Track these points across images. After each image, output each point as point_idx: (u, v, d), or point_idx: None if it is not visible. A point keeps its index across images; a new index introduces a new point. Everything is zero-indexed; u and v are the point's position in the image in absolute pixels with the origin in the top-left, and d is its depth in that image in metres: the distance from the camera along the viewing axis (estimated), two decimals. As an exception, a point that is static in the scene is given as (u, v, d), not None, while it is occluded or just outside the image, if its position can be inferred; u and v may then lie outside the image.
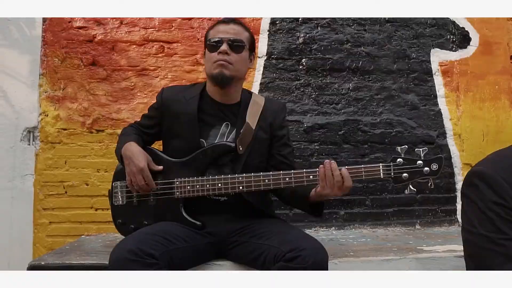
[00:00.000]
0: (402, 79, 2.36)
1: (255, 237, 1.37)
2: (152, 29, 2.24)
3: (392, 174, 1.24)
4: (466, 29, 2.46)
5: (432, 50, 2.42)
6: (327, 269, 1.23)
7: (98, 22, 2.21)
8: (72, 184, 2.11)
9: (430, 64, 2.40)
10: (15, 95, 2.13)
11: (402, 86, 2.35)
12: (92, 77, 2.19)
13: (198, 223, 1.41)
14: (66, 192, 2.11)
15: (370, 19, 2.36)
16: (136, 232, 1.29)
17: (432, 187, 1.23)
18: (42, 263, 1.49)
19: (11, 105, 2.11)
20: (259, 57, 2.25)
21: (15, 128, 2.11)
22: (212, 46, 1.46)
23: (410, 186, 1.23)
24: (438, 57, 2.42)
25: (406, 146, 1.24)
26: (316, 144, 2.23)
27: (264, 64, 2.27)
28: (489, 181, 0.97)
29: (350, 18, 2.34)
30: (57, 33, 2.19)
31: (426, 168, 1.21)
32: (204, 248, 1.41)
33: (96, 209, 2.11)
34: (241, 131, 1.45)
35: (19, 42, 2.16)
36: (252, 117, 1.49)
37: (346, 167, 1.27)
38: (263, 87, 2.25)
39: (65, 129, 2.15)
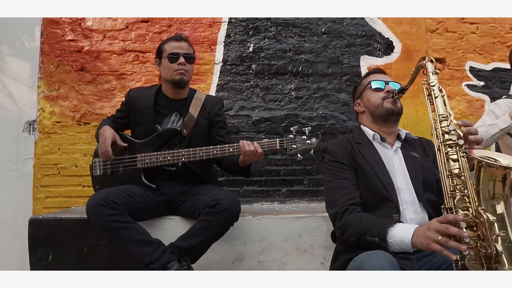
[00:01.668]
0: (336, 80, 2.87)
1: (194, 196, 1.86)
2: (129, 41, 2.75)
3: (285, 145, 1.75)
4: (390, 39, 2.98)
5: (361, 57, 2.93)
6: (239, 213, 1.74)
7: (85, 36, 2.72)
8: (64, 166, 2.62)
9: (360, 68, 2.91)
10: (18, 95, 2.64)
11: (336, 87, 2.86)
12: (81, 80, 2.70)
13: (153, 186, 1.91)
14: (59, 173, 2.62)
15: (309, 31, 2.88)
16: (107, 188, 1.80)
17: (305, 156, 1.75)
18: (40, 217, 2.00)
19: (15, 102, 2.62)
20: (216, 64, 2.77)
21: (18, 121, 2.62)
22: (172, 58, 1.95)
23: (299, 154, 1.74)
24: (366, 62, 2.92)
25: (297, 126, 1.76)
26: (262, 134, 2.73)
27: (220, 69, 2.78)
28: (329, 151, 1.54)
29: (292, 31, 2.86)
30: (52, 45, 2.71)
31: (308, 141, 1.72)
32: (158, 205, 1.91)
33: (83, 186, 2.61)
34: (185, 119, 1.96)
35: (21, 52, 2.67)
36: (194, 108, 2.00)
37: (255, 142, 1.78)
38: (220, 88, 2.77)
39: (58, 122, 2.66)
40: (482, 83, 3.07)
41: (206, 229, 1.70)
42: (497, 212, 1.12)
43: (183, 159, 1.87)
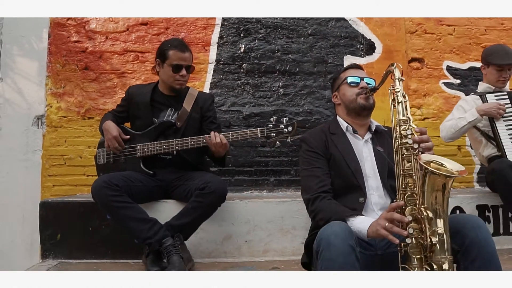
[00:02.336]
0: (321, 79, 3.09)
1: (187, 181, 2.09)
2: (130, 42, 2.98)
3: (265, 133, 1.97)
4: (372, 40, 3.20)
5: (345, 57, 3.15)
6: (226, 195, 1.97)
7: (89, 37, 2.95)
8: (70, 157, 2.85)
9: (343, 67, 3.12)
10: (28, 92, 2.87)
11: (321, 84, 3.08)
12: (85, 78, 2.93)
13: (151, 172, 2.13)
14: (65, 163, 2.84)
15: (296, 33, 3.10)
16: (110, 174, 2.03)
17: (279, 144, 1.97)
18: (50, 200, 2.24)
19: (25, 99, 2.85)
20: (209, 63, 2.99)
21: (27, 116, 2.85)
22: (175, 68, 2.12)
23: (278, 142, 1.97)
24: (349, 61, 3.12)
25: (275, 117, 1.98)
26: (252, 127, 2.95)
27: (214, 68, 3.00)
28: (305, 141, 1.75)
29: (281, 32, 3.09)
30: (59, 45, 2.93)
31: (285, 130, 1.95)
32: (155, 189, 2.13)
33: (87, 175, 2.84)
34: (179, 113, 2.19)
35: (30, 52, 2.90)
36: (188, 103, 2.22)
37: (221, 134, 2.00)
38: (213, 85, 2.99)
39: (65, 117, 2.89)
40: (458, 81, 3.29)
41: (197, 209, 1.93)
42: (436, 210, 1.33)
43: (177, 147, 2.10)
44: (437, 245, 1.30)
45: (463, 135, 2.60)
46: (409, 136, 1.43)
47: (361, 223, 1.45)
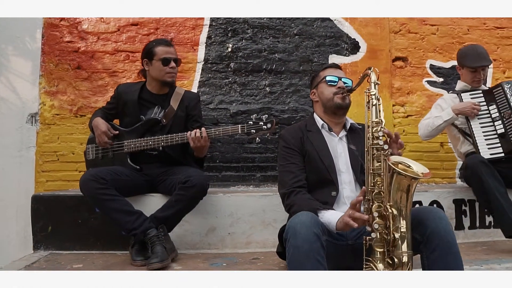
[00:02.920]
0: (306, 77, 3.17)
1: (171, 175, 2.18)
2: (120, 42, 3.07)
3: (245, 130, 2.07)
4: (356, 40, 3.28)
5: (330, 56, 3.24)
6: (207, 188, 2.07)
7: (82, 38, 3.05)
8: (63, 153, 2.94)
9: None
10: (22, 90, 2.96)
11: (306, 83, 3.17)
12: (77, 77, 3.02)
13: (137, 167, 2.22)
14: (58, 159, 2.94)
15: (283, 33, 3.19)
16: (97, 168, 2.13)
17: (259, 140, 2.07)
18: (41, 194, 2.34)
19: (19, 97, 2.95)
20: (198, 62, 3.09)
21: (22, 114, 2.94)
22: (164, 61, 2.23)
23: (257, 138, 2.07)
24: (334, 60, 3.18)
25: (256, 115, 2.08)
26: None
27: (202, 67, 3.09)
28: (283, 138, 1.84)
29: (267, 32, 3.18)
30: (52, 45, 3.03)
31: (264, 126, 2.05)
32: (141, 183, 2.23)
33: (80, 171, 2.92)
34: (165, 110, 2.29)
35: (25, 52, 2.99)
36: (174, 102, 2.31)
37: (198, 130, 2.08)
38: (201, 84, 3.09)
39: (58, 114, 2.98)
40: (441, 79, 3.38)
41: (179, 201, 2.03)
42: (400, 208, 1.43)
43: (162, 143, 2.20)
44: (399, 240, 1.40)
45: (441, 132, 2.69)
46: (380, 138, 1.53)
47: (331, 216, 1.56)
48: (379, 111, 1.59)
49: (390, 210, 1.43)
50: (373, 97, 1.59)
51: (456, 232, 2.54)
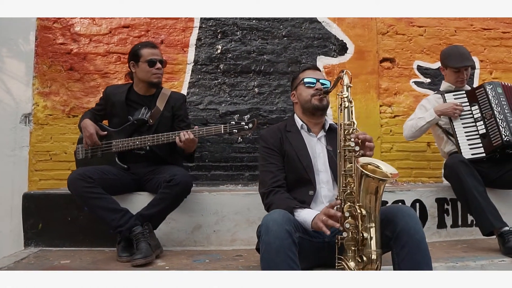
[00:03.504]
0: (295, 78, 3.24)
1: (158, 174, 2.24)
2: (112, 44, 3.13)
3: (228, 130, 2.14)
4: (344, 41, 3.34)
5: (318, 57, 3.29)
6: (191, 187, 2.14)
7: (74, 40, 3.11)
8: (55, 153, 3.01)
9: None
10: (16, 91, 3.02)
11: (294, 84, 3.23)
12: (70, 78, 3.09)
13: (125, 166, 2.29)
14: (51, 158, 3.00)
15: (271, 34, 3.25)
16: (85, 167, 2.20)
17: (241, 139, 2.13)
18: (32, 192, 2.41)
19: (13, 98, 3.01)
20: (188, 64, 3.15)
21: (15, 114, 3.00)
22: (151, 63, 2.31)
23: (239, 138, 2.13)
24: (322, 62, 3.27)
25: (238, 115, 2.15)
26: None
27: (192, 68, 3.15)
28: (263, 138, 1.90)
29: (256, 34, 3.23)
30: (45, 47, 3.09)
31: (246, 126, 2.11)
32: (129, 182, 2.29)
33: (72, 170, 2.98)
34: (152, 111, 2.35)
35: (18, 54, 3.06)
36: (160, 103, 2.38)
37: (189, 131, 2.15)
38: (191, 85, 3.15)
39: (51, 115, 3.05)
40: (428, 80, 3.43)
41: (164, 199, 2.09)
42: (369, 208, 1.49)
43: (149, 143, 2.26)
44: (368, 239, 1.47)
45: (425, 133, 2.74)
46: (352, 139, 1.58)
47: (306, 215, 1.62)
48: (351, 113, 1.64)
49: (359, 211, 1.49)
50: (345, 99, 1.65)
51: (438, 230, 2.62)
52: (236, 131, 2.13)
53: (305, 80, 1.89)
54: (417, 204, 2.60)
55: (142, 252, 1.93)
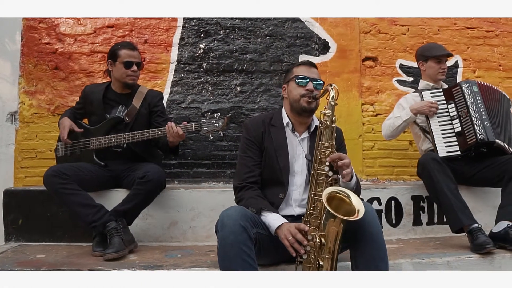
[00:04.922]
0: (277, 77, 3.26)
1: (134, 171, 2.30)
2: (97, 44, 3.18)
3: (199, 128, 2.18)
4: (326, 40, 3.37)
5: (300, 56, 3.32)
6: (163, 183, 2.19)
7: (59, 39, 3.17)
8: (40, 151, 3.06)
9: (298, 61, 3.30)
10: (2, 90, 3.08)
11: (276, 82, 3.26)
12: (55, 77, 3.14)
13: (102, 163, 2.35)
14: (36, 156, 3.06)
15: (254, 33, 3.28)
16: (61, 164, 2.26)
17: (212, 137, 2.17)
18: (12, 188, 2.47)
19: (-1, 96, 3.09)
20: (171, 63, 3.20)
21: (2, 112, 3.06)
22: (127, 65, 2.36)
23: (210, 135, 2.18)
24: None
25: (209, 113, 2.19)
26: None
27: (175, 67, 3.20)
28: (246, 127, 1.90)
29: (239, 33, 3.27)
30: (31, 47, 3.15)
31: (216, 124, 2.16)
32: (106, 179, 2.35)
33: (53, 168, 3.06)
34: (128, 109, 2.41)
35: (4, 53, 3.11)
36: (137, 101, 2.43)
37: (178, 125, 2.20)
38: (174, 84, 3.19)
39: (36, 113, 3.10)
40: (411, 78, 3.45)
41: (137, 195, 2.15)
42: (329, 242, 1.51)
43: (124, 140, 2.31)
44: (323, 267, 1.51)
45: (403, 131, 2.77)
46: (327, 163, 1.58)
47: (273, 220, 1.65)
48: (332, 133, 1.63)
49: (319, 240, 1.51)
50: (328, 119, 1.63)
51: (414, 227, 2.65)
52: (207, 129, 2.17)
53: (297, 78, 1.83)
54: (393, 201, 2.64)
55: (114, 246, 1.98)
